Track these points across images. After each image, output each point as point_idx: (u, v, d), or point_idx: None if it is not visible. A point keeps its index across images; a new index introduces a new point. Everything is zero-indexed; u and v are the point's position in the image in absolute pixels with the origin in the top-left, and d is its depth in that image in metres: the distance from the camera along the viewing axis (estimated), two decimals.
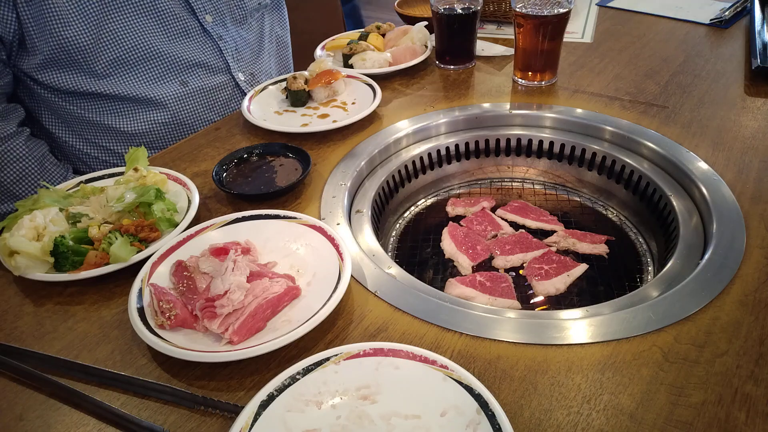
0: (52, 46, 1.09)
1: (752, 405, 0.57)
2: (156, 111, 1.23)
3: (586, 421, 0.56)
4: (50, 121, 1.22)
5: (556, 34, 1.13)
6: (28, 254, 0.74)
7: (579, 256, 0.93)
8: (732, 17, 1.44)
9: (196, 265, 0.74)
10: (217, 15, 1.29)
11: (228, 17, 1.32)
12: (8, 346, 0.68)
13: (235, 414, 0.57)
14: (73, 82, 1.15)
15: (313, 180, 0.96)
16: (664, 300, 0.69)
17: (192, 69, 1.26)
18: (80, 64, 1.13)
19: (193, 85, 1.27)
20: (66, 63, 1.12)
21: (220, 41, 1.29)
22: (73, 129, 1.23)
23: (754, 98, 1.10)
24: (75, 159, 1.27)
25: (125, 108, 1.21)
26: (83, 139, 1.24)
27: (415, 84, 1.24)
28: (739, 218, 0.80)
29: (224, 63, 1.31)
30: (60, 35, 1.08)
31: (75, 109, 1.19)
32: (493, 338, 0.65)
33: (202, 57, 1.27)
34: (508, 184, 1.14)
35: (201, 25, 1.27)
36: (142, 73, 1.20)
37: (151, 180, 0.88)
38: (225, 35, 1.31)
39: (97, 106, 1.20)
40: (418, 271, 0.94)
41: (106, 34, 1.13)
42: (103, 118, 1.21)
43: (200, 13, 1.26)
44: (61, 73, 1.14)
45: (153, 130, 1.24)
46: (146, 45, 1.18)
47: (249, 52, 1.38)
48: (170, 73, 1.23)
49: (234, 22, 1.34)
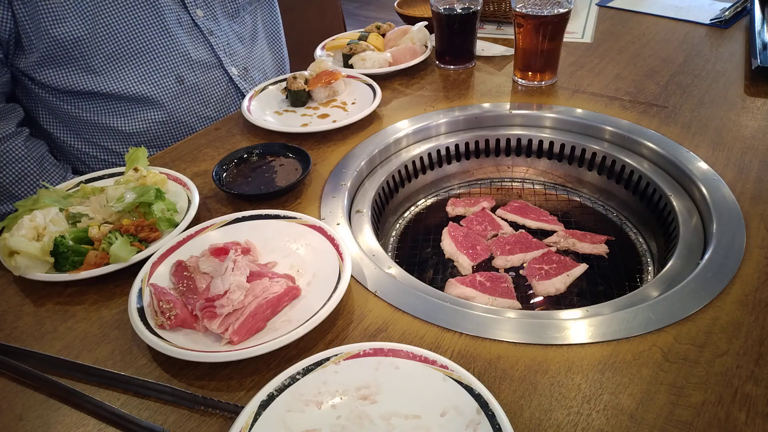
0: (47, 43, 1.09)
1: (752, 405, 0.57)
2: (152, 109, 1.23)
3: (586, 421, 0.56)
4: (48, 121, 1.22)
5: (556, 34, 1.13)
6: (28, 254, 0.75)
7: (579, 256, 0.93)
8: (732, 17, 1.44)
9: (196, 265, 0.74)
10: (208, 9, 1.29)
11: (219, 11, 1.32)
12: (8, 346, 0.68)
13: (235, 414, 0.57)
14: (69, 79, 1.15)
15: (313, 180, 0.96)
16: (664, 300, 0.69)
17: (186, 64, 1.26)
18: (76, 60, 1.13)
19: (189, 81, 1.27)
20: (62, 60, 1.12)
21: (210, 36, 1.29)
22: (72, 128, 1.23)
23: (754, 98, 1.10)
24: (74, 159, 1.27)
25: (122, 107, 1.21)
26: (81, 138, 1.24)
27: (415, 84, 1.24)
28: (739, 218, 0.80)
29: (216, 58, 1.31)
30: (55, 31, 1.09)
31: (72, 109, 1.19)
32: (493, 338, 0.65)
33: (195, 52, 1.27)
34: (508, 184, 1.14)
35: (192, 20, 1.27)
36: (137, 69, 1.20)
37: (151, 180, 0.88)
38: (216, 30, 1.31)
39: (94, 105, 1.20)
40: (418, 271, 0.94)
41: (101, 28, 1.13)
42: (100, 117, 1.21)
43: (191, 8, 1.26)
44: (57, 70, 1.14)
45: (150, 129, 1.25)
46: (141, 39, 1.18)
47: (242, 47, 1.37)
48: (165, 69, 1.23)
49: (226, 16, 1.34)
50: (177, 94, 1.25)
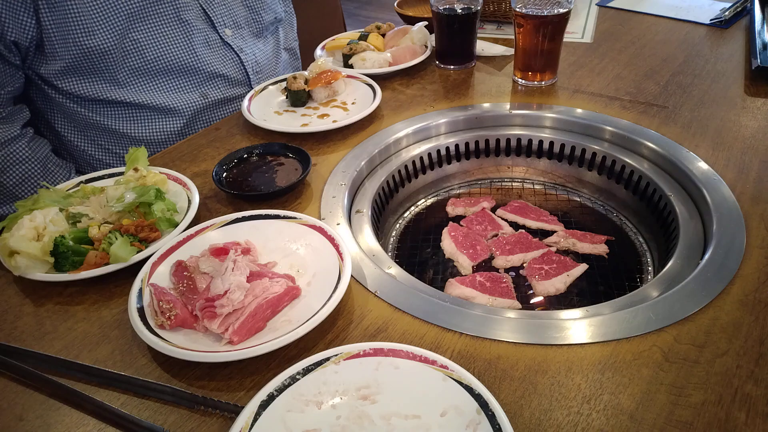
0: (74, 54, 1.09)
1: (752, 405, 0.57)
2: (172, 119, 1.24)
3: (586, 421, 0.56)
4: (62, 123, 1.22)
5: (556, 34, 1.13)
6: (28, 254, 0.74)
7: (579, 256, 0.93)
8: (732, 17, 1.44)
9: (196, 265, 0.74)
10: (236, 29, 1.31)
11: (246, 30, 1.34)
12: (8, 346, 0.68)
13: (235, 414, 0.57)
14: (92, 89, 1.15)
15: (313, 180, 0.96)
16: (664, 300, 0.69)
17: (212, 80, 1.27)
18: (102, 72, 1.14)
19: (213, 96, 1.28)
20: (87, 70, 1.13)
21: (241, 53, 1.31)
22: (85, 134, 1.23)
23: (754, 98, 1.10)
24: (81, 161, 1.27)
25: (141, 115, 1.21)
26: (95, 143, 1.24)
27: (415, 84, 1.24)
28: (739, 218, 0.80)
29: (244, 75, 1.33)
30: (83, 43, 1.09)
31: (90, 114, 1.19)
32: (493, 338, 0.65)
33: (222, 69, 1.28)
34: (508, 184, 1.14)
35: (221, 38, 1.28)
36: (163, 84, 1.21)
37: (151, 180, 0.88)
38: (245, 47, 1.32)
39: (113, 113, 1.20)
40: (418, 271, 0.94)
41: (129, 43, 1.13)
42: (117, 124, 1.21)
43: (220, 27, 1.27)
44: (80, 79, 1.14)
45: (167, 138, 1.25)
46: (169, 56, 1.19)
47: (267, 64, 1.40)
48: (191, 84, 1.24)
49: (252, 35, 1.36)
50: (200, 108, 1.26)
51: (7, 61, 1.08)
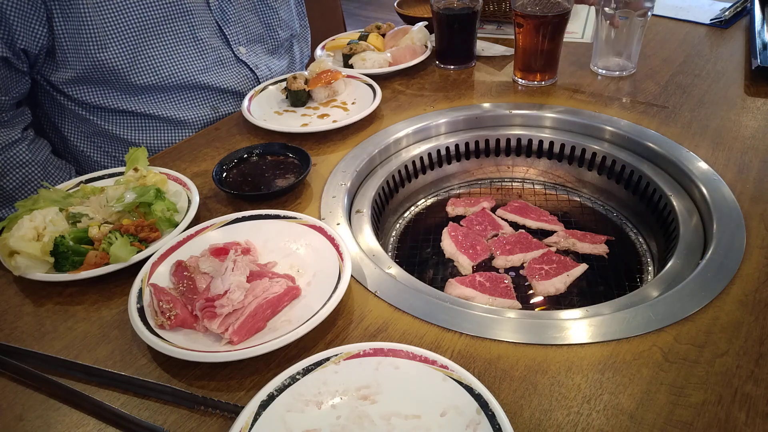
0: (85, 65, 1.09)
1: (752, 405, 0.57)
2: (181, 130, 1.24)
3: (586, 421, 0.56)
4: (69, 128, 1.22)
5: (556, 34, 1.13)
6: (28, 254, 0.74)
7: (579, 256, 0.93)
8: (732, 17, 1.44)
9: (196, 265, 0.74)
10: (250, 46, 1.31)
11: (260, 48, 1.34)
12: (8, 346, 0.68)
13: (235, 414, 0.57)
14: (102, 98, 1.15)
15: (313, 180, 0.96)
16: (664, 300, 0.69)
17: (224, 95, 1.27)
18: (113, 84, 1.13)
19: (223, 110, 1.28)
20: (98, 81, 1.12)
21: (256, 70, 1.31)
22: (92, 140, 1.23)
23: (754, 98, 1.10)
24: (84, 164, 1.27)
25: (151, 125, 1.21)
26: (101, 149, 1.24)
27: (415, 84, 1.24)
28: (739, 218, 0.80)
29: None
30: (95, 56, 1.08)
31: (99, 122, 1.19)
32: (493, 338, 0.65)
33: (236, 86, 1.28)
34: (508, 184, 1.14)
35: (235, 56, 1.28)
36: (174, 97, 1.21)
37: (151, 180, 0.88)
38: (260, 64, 1.32)
39: (122, 121, 1.20)
40: (418, 271, 0.94)
41: (142, 59, 1.13)
42: (125, 132, 1.21)
43: (234, 45, 1.27)
44: (91, 88, 1.14)
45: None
46: (182, 74, 1.19)
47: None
48: (202, 99, 1.24)
49: (266, 53, 1.36)
50: (209, 120, 1.26)
51: (14, 68, 1.07)
